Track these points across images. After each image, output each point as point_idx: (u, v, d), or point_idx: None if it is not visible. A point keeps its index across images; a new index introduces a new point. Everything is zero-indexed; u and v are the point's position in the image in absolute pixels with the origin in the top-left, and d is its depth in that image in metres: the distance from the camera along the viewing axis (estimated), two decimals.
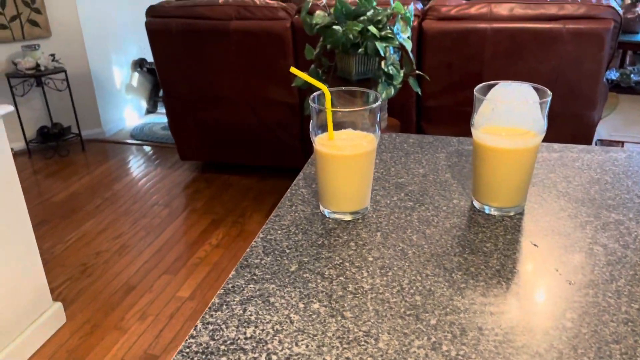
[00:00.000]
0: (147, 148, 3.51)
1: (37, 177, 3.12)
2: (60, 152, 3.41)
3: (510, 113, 0.69)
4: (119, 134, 3.75)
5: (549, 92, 0.67)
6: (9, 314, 1.65)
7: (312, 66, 2.03)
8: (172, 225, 2.54)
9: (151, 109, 4.16)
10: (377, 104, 0.68)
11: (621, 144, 3.14)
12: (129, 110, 3.98)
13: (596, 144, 2.87)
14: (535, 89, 0.68)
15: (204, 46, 2.58)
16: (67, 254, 2.32)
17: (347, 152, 0.68)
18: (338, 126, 0.69)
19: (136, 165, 3.27)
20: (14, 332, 1.69)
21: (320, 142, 0.69)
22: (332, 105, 0.68)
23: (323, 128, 0.69)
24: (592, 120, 2.29)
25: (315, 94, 0.69)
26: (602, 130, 3.28)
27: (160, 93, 3.98)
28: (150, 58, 3.87)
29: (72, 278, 2.15)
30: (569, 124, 2.25)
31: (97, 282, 2.12)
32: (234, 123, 2.78)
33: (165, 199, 2.79)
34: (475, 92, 0.69)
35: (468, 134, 0.93)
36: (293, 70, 0.71)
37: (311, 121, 0.70)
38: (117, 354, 1.76)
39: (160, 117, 3.99)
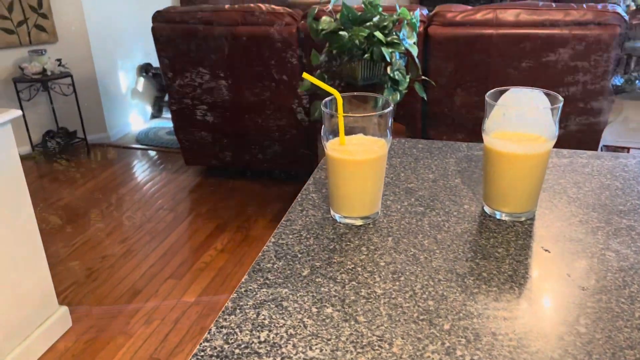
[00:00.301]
0: (152, 153, 3.52)
1: (43, 181, 3.13)
2: (65, 156, 3.42)
3: (521, 118, 0.69)
4: (124, 139, 3.76)
5: (561, 98, 0.67)
6: (15, 317, 1.65)
7: (318, 71, 2.03)
8: (177, 229, 2.54)
9: (156, 114, 4.18)
10: (388, 109, 0.68)
11: (627, 149, 3.13)
12: (135, 114, 4.00)
13: (602, 150, 2.86)
14: (547, 94, 0.68)
15: (210, 51, 2.59)
16: (72, 258, 2.32)
17: (358, 157, 0.68)
18: (349, 131, 0.69)
19: (141, 170, 3.28)
20: (20, 336, 1.69)
21: (332, 147, 0.69)
22: (343, 110, 0.68)
23: (334, 133, 0.69)
24: (598, 126, 2.29)
25: (327, 99, 0.69)
26: (608, 136, 3.27)
27: (166, 98, 4.00)
28: (155, 63, 3.88)
29: (77, 282, 2.16)
30: (575, 130, 2.25)
31: (103, 286, 2.13)
32: (239, 128, 2.79)
33: (170, 203, 2.80)
34: (486, 98, 0.69)
35: (473, 139, 0.93)
36: (305, 75, 0.71)
37: (323, 126, 0.70)
38: (122, 359, 1.76)
39: (166, 122, 4.00)
